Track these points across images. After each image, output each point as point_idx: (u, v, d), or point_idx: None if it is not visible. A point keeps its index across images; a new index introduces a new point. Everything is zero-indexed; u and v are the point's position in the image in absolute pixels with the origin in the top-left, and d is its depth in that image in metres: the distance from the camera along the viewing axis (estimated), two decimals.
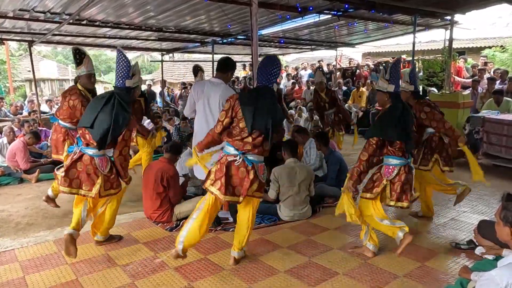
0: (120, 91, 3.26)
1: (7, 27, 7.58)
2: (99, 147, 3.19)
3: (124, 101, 3.22)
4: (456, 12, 7.67)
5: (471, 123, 7.01)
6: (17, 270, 3.25)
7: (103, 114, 3.15)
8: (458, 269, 3.04)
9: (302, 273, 3.11)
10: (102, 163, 3.23)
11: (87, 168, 3.19)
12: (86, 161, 3.20)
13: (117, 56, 3.26)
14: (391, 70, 3.49)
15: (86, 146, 3.22)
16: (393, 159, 3.26)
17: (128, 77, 3.26)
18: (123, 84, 3.26)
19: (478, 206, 4.59)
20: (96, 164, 3.20)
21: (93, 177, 3.20)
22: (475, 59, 12.19)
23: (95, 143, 3.17)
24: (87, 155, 3.20)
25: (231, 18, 7.39)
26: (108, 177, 3.28)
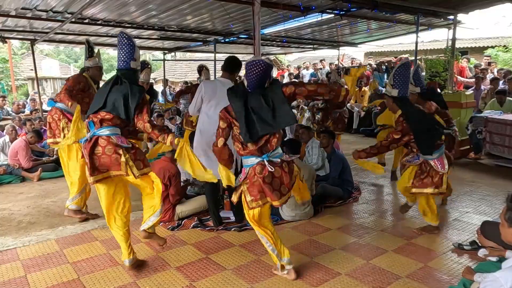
0: (125, 72, 3.10)
1: (9, 26, 7.60)
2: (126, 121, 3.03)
3: (131, 81, 3.07)
4: (459, 12, 7.65)
5: (474, 123, 6.99)
6: (19, 269, 3.25)
7: (113, 93, 3.02)
8: (461, 270, 3.04)
9: (304, 273, 3.10)
10: (121, 139, 3.03)
11: (106, 149, 2.98)
12: (103, 142, 2.99)
13: (119, 39, 3.12)
14: (395, 72, 3.49)
15: (100, 127, 3.02)
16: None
17: (133, 58, 3.13)
18: (128, 65, 3.12)
19: (481, 207, 4.57)
20: (114, 142, 3.00)
21: (116, 156, 2.98)
22: (478, 59, 12.15)
23: (111, 118, 3.01)
24: (102, 137, 3.01)
25: (234, 17, 7.38)
26: (134, 154, 3.06)
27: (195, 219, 4.23)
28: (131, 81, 3.08)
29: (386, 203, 4.99)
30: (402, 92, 3.50)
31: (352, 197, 4.96)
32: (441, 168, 3.60)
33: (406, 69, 3.50)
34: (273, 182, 2.86)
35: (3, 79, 20.59)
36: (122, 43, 3.12)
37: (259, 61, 2.85)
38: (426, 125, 3.48)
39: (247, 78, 2.93)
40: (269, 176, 2.84)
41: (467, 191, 5.20)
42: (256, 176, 2.85)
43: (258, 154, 2.85)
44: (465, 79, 9.80)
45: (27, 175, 6.26)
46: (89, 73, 4.45)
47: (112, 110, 3.02)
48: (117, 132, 3.06)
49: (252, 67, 2.86)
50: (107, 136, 3.01)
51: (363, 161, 3.74)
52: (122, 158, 2.99)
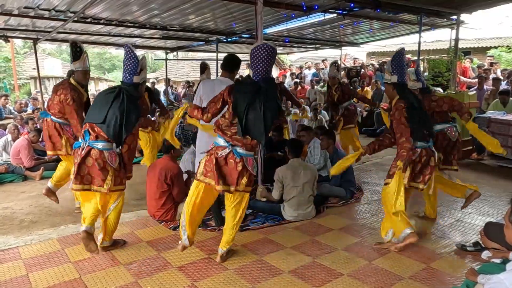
0: (128, 87, 3.25)
1: (12, 25, 7.59)
2: (116, 144, 3.22)
3: (133, 97, 3.22)
4: (462, 12, 7.62)
5: (477, 123, 6.93)
6: (21, 268, 3.25)
7: (114, 110, 3.14)
8: (464, 271, 3.02)
9: (306, 273, 3.09)
10: (111, 157, 3.20)
11: (97, 163, 3.15)
12: (95, 155, 3.16)
13: (125, 52, 3.25)
14: (392, 60, 3.52)
15: (95, 139, 3.17)
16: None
17: (136, 73, 3.26)
18: (131, 80, 3.26)
19: (483, 208, 4.55)
20: (106, 158, 3.17)
21: (104, 172, 3.17)
22: (481, 59, 12.11)
23: (106, 136, 3.15)
24: (95, 149, 3.16)
25: (236, 17, 7.37)
26: (118, 171, 3.27)
27: None
28: (133, 96, 3.23)
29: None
30: (401, 79, 3.52)
31: (355, 197, 4.95)
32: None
33: (401, 56, 3.54)
34: (222, 169, 3.06)
35: (6, 78, 20.65)
36: (127, 56, 3.22)
37: (265, 46, 2.97)
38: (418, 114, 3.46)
39: (253, 66, 3.02)
40: (223, 161, 3.04)
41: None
42: (214, 155, 3.04)
43: (227, 139, 3.02)
44: (467, 80, 9.77)
45: (29, 174, 6.26)
46: (74, 76, 4.28)
47: (106, 130, 3.15)
48: (111, 148, 3.22)
49: (258, 52, 2.97)
50: (100, 150, 3.16)
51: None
52: (108, 176, 3.17)
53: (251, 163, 3.12)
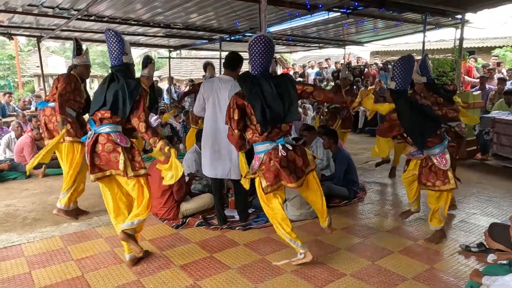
0: (119, 68, 3.11)
1: (16, 22, 7.60)
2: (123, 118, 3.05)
3: (127, 76, 3.09)
4: (467, 11, 7.57)
5: (481, 123, 6.92)
6: (23, 265, 3.25)
7: (111, 91, 3.02)
8: (468, 272, 3.01)
9: (309, 273, 3.07)
10: (120, 137, 3.05)
11: (105, 147, 3.01)
12: (103, 140, 3.02)
13: (106, 36, 3.10)
14: (394, 66, 3.45)
15: (100, 124, 3.04)
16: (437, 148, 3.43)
17: (124, 53, 3.13)
18: (120, 60, 3.12)
19: (488, 208, 4.52)
20: (114, 140, 3.02)
21: (115, 154, 3.00)
22: (485, 59, 12.04)
23: (110, 116, 3.02)
24: (102, 134, 3.02)
25: (240, 15, 7.35)
26: (132, 155, 3.09)
27: (199, 217, 4.21)
28: (126, 76, 3.09)
29: (392, 203, 4.95)
30: (400, 86, 3.42)
31: (358, 197, 4.93)
32: (443, 165, 3.45)
33: (407, 63, 3.39)
34: (289, 165, 2.96)
35: (10, 75, 20.71)
36: (111, 39, 3.10)
37: (261, 37, 2.93)
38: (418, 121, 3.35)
39: (252, 59, 2.98)
40: (285, 160, 2.94)
41: (473, 192, 5.14)
42: (273, 161, 2.94)
43: (272, 139, 2.94)
44: (472, 79, 9.71)
45: (32, 172, 6.27)
46: (76, 71, 4.31)
47: (110, 108, 3.03)
48: (118, 130, 3.08)
49: (255, 44, 2.93)
50: (107, 133, 3.04)
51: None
52: (120, 156, 3.00)
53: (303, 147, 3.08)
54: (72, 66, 4.38)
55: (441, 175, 3.48)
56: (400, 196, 5.18)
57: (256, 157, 3.05)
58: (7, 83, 20.39)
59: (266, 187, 2.99)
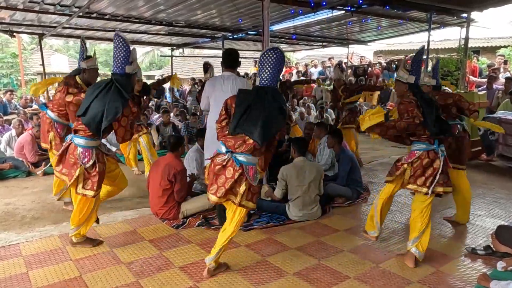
0: (119, 77, 3.14)
1: (17, 20, 7.56)
2: (96, 135, 3.16)
3: (123, 88, 3.10)
4: (473, 10, 7.48)
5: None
6: (21, 265, 3.20)
7: (97, 101, 3.08)
8: (474, 276, 2.94)
9: (312, 276, 3.01)
10: (85, 154, 3.17)
11: (69, 157, 3.21)
12: (71, 149, 3.21)
13: (114, 41, 3.08)
14: (414, 60, 3.37)
15: (75, 134, 3.21)
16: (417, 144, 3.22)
17: (128, 62, 3.13)
18: (123, 70, 3.14)
19: (494, 210, 4.44)
20: (78, 155, 3.17)
21: (75, 167, 3.19)
22: (490, 59, 11.93)
23: (84, 129, 3.13)
24: (73, 144, 3.21)
25: (243, 13, 7.29)
26: (88, 173, 3.21)
27: (200, 218, 4.15)
28: (124, 87, 3.11)
29: (396, 204, 4.85)
30: (417, 80, 3.37)
31: (361, 197, 4.86)
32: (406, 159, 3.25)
33: (421, 55, 3.37)
34: (219, 178, 2.85)
35: (13, 73, 20.73)
36: (118, 46, 3.08)
37: (275, 50, 2.87)
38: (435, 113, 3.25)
39: (262, 70, 2.92)
40: (220, 170, 2.85)
41: (479, 193, 5.06)
42: (214, 162, 2.90)
43: (229, 146, 2.86)
44: (477, 79, 9.61)
45: (32, 170, 6.23)
46: (85, 75, 4.19)
47: (86, 122, 3.11)
48: (88, 145, 3.19)
49: (267, 56, 2.87)
50: (75, 145, 3.19)
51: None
52: (76, 172, 3.17)
53: (253, 174, 2.87)
54: (80, 70, 4.23)
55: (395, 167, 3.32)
56: (404, 196, 5.10)
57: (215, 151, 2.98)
58: (10, 81, 20.41)
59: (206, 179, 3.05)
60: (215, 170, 2.87)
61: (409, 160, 3.20)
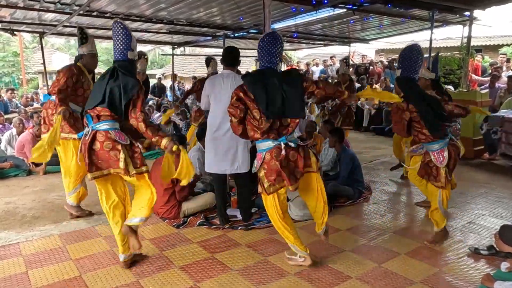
0: (122, 63, 2.98)
1: (18, 18, 7.54)
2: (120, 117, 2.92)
3: (128, 72, 2.96)
4: (476, 8, 7.44)
5: (489, 122, 6.78)
6: (20, 265, 3.18)
7: (111, 86, 2.90)
8: (478, 276, 2.91)
9: (313, 276, 2.98)
10: (119, 135, 2.92)
11: (104, 144, 2.88)
12: (101, 137, 2.89)
13: (115, 28, 2.96)
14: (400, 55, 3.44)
15: (98, 121, 2.92)
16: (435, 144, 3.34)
17: (130, 49, 3.01)
18: (125, 56, 2.99)
19: (497, 209, 4.40)
20: (113, 137, 2.89)
21: (115, 152, 2.87)
22: (492, 57, 11.87)
23: (108, 113, 2.89)
24: (100, 131, 2.91)
25: (244, 11, 7.25)
26: (133, 152, 2.96)
27: (201, 217, 4.13)
28: (128, 73, 2.96)
29: (398, 203, 4.84)
30: (406, 73, 3.37)
31: (363, 196, 4.82)
32: (440, 162, 3.37)
33: (411, 50, 3.36)
34: (289, 166, 2.85)
35: (15, 72, 20.75)
36: (118, 33, 2.97)
37: (271, 33, 2.90)
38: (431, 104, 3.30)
39: (261, 53, 2.93)
40: (286, 160, 2.82)
41: (481, 192, 5.02)
42: (273, 160, 2.81)
43: (274, 137, 2.83)
44: (479, 78, 9.56)
45: (33, 169, 6.22)
46: (83, 61, 4.11)
47: (108, 105, 2.89)
48: (116, 127, 2.95)
49: (264, 41, 2.89)
50: (105, 130, 2.91)
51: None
52: (121, 154, 2.86)
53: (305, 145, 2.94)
54: (79, 57, 4.16)
55: (434, 171, 3.44)
56: (406, 195, 5.08)
57: (258, 155, 2.93)
58: (11, 80, 20.43)
59: (269, 187, 2.88)
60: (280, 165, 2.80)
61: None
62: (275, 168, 2.82)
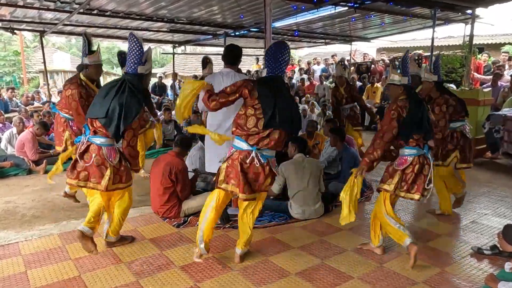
0: (131, 78, 3.08)
1: (18, 17, 7.52)
2: (115, 139, 3.08)
3: (135, 88, 3.05)
4: (478, 6, 7.39)
5: (492, 121, 6.73)
6: (20, 265, 3.15)
7: (115, 104, 2.98)
8: (481, 276, 2.88)
9: (314, 276, 2.95)
10: (110, 153, 3.05)
11: (95, 159, 3.01)
12: (94, 151, 3.02)
13: (129, 40, 3.07)
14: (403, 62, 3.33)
15: (93, 134, 3.04)
16: (408, 150, 3.15)
17: (141, 63, 3.08)
18: (135, 70, 3.09)
19: (500, 209, 4.37)
20: (104, 155, 3.02)
21: (102, 169, 3.02)
22: (494, 56, 11.81)
23: (104, 130, 3.00)
24: (94, 144, 3.03)
25: (245, 9, 7.22)
26: (117, 169, 3.10)
27: None
28: (136, 88, 3.05)
29: (400, 202, 4.79)
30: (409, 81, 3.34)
31: (364, 196, 4.80)
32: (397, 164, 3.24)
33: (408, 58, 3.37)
34: (248, 175, 2.90)
35: (16, 71, 20.74)
36: (131, 46, 3.05)
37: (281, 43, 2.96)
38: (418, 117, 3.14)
39: (271, 61, 2.94)
40: (248, 168, 2.88)
41: (484, 192, 4.99)
42: (237, 161, 2.88)
43: (251, 143, 2.86)
44: (481, 76, 9.51)
45: (33, 168, 6.20)
46: (87, 71, 4.08)
47: (106, 124, 3.00)
48: (110, 143, 3.07)
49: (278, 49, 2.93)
50: (98, 146, 3.04)
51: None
52: (107, 172, 3.03)
53: (274, 163, 3.02)
54: (82, 67, 4.10)
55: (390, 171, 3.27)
56: None
57: (231, 148, 2.99)
58: (12, 79, 20.42)
59: (221, 181, 2.96)
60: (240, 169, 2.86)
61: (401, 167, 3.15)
62: (236, 169, 2.88)
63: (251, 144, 2.86)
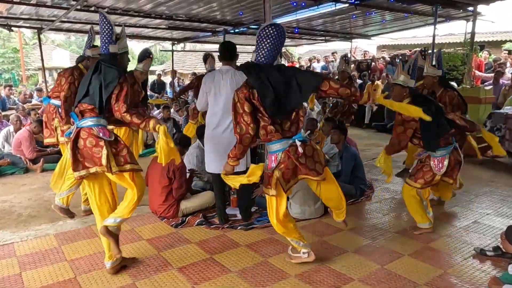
0: (104, 57, 2.94)
1: (15, 13, 7.42)
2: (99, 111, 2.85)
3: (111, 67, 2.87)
4: (480, 3, 7.32)
5: (493, 119, 6.67)
6: (14, 266, 3.10)
7: (93, 82, 2.86)
8: (483, 278, 2.83)
9: (314, 277, 2.90)
10: (103, 131, 2.84)
11: (87, 141, 2.81)
12: (84, 134, 2.82)
13: (99, 20, 2.94)
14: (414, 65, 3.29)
15: (82, 118, 2.87)
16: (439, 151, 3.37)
17: (111, 41, 2.94)
18: (107, 50, 2.94)
19: (502, 209, 4.31)
20: (95, 133, 2.81)
21: (98, 149, 2.79)
22: (495, 53, 11.74)
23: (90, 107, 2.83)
24: (84, 128, 2.84)
25: (244, 6, 7.14)
26: (117, 150, 2.87)
27: (200, 216, 4.04)
28: (111, 66, 2.86)
29: (401, 202, 4.72)
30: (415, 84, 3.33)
31: (365, 195, 4.74)
32: (437, 169, 3.41)
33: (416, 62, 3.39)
34: (307, 162, 2.78)
35: (15, 69, 20.66)
36: (101, 26, 2.93)
37: (273, 24, 2.74)
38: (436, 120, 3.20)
39: (260, 47, 2.76)
40: (303, 157, 2.76)
41: (486, 191, 4.93)
42: (292, 159, 2.74)
43: (288, 136, 2.74)
44: (482, 74, 9.44)
45: (30, 166, 6.14)
46: (88, 62, 4.11)
47: (90, 100, 2.85)
48: (100, 123, 2.87)
49: (267, 32, 2.72)
50: (88, 127, 2.84)
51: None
52: (103, 151, 2.79)
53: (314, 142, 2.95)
54: (83, 58, 4.13)
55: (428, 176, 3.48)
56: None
57: (272, 156, 2.78)
58: (11, 76, 20.33)
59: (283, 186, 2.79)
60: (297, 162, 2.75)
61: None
62: (293, 167, 2.77)
63: (288, 136, 2.75)
